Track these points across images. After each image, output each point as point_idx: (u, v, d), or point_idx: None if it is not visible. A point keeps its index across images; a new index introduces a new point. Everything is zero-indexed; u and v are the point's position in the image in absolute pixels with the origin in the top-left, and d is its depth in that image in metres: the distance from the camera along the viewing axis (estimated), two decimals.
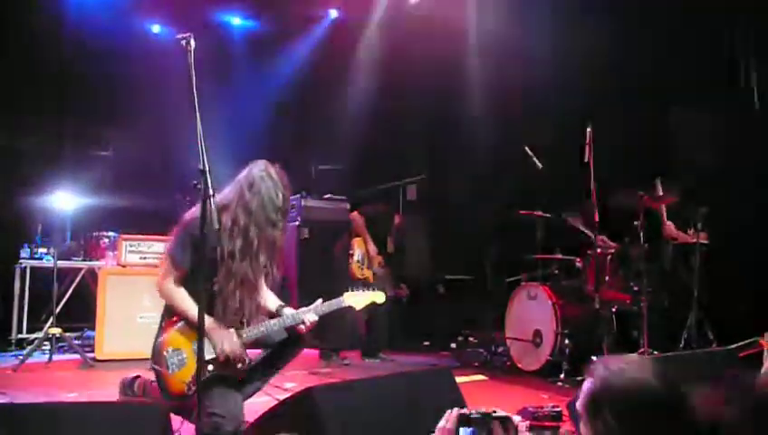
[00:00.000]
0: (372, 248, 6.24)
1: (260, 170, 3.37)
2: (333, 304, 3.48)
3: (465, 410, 1.58)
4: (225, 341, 3.20)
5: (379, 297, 3.60)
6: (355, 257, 6.16)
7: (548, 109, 6.59)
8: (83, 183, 6.04)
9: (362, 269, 6.17)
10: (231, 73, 7.03)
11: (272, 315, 3.44)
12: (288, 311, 3.44)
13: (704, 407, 1.54)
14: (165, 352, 3.19)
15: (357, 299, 3.55)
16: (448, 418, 1.58)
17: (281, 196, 3.36)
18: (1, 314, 5.67)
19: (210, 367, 3.21)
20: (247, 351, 3.30)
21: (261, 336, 3.33)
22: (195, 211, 3.17)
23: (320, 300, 3.46)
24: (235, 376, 3.28)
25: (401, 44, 7.37)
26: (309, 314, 3.37)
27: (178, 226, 3.31)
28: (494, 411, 1.59)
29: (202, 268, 2.94)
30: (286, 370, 3.56)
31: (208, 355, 3.20)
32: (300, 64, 7.60)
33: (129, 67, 6.54)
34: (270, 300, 3.52)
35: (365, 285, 6.11)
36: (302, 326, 3.36)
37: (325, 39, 7.71)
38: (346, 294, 3.52)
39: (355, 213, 6.36)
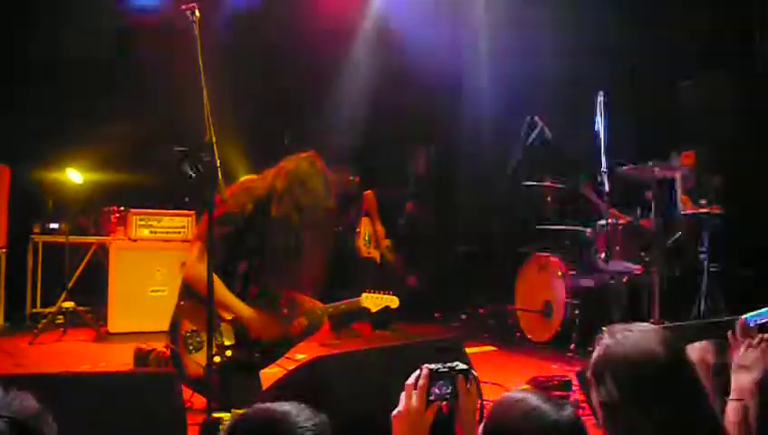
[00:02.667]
0: (380, 229, 6.21)
1: (311, 166, 3.33)
2: (350, 305, 3.53)
3: (433, 366, 1.62)
4: (265, 330, 3.23)
5: (393, 302, 3.67)
6: (362, 236, 6.16)
7: (558, 77, 6.50)
8: (93, 158, 6.04)
9: (369, 248, 6.16)
10: (230, 44, 6.93)
11: None
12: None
13: None
14: (183, 333, 3.20)
15: (373, 302, 3.60)
16: (418, 375, 1.61)
17: (330, 197, 3.35)
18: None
19: (229, 352, 3.24)
20: None
21: None
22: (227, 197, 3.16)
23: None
24: (249, 362, 3.31)
25: (405, 13, 7.26)
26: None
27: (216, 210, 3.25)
28: (457, 365, 1.63)
29: (209, 241, 2.92)
30: None
31: (227, 341, 3.24)
32: (300, 34, 7.46)
33: (136, 40, 6.48)
34: None
35: (373, 265, 6.13)
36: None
37: (326, 8, 7.56)
38: (364, 296, 3.60)
39: (369, 192, 6.34)
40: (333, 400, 2.32)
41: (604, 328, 1.62)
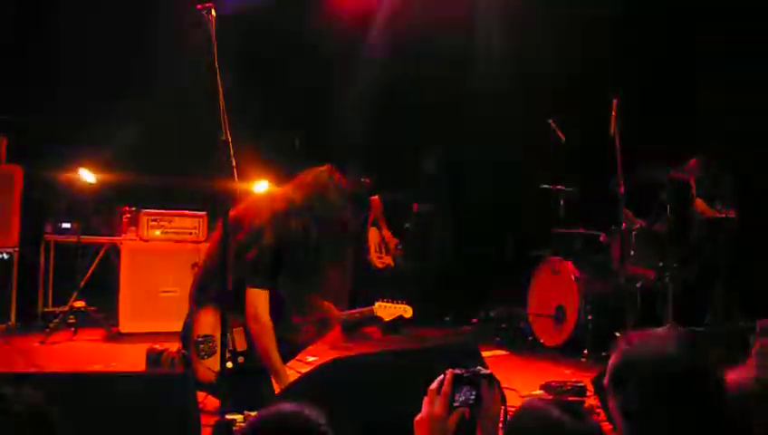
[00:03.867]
0: (387, 233, 6.16)
1: (329, 178, 3.35)
2: (364, 314, 3.52)
3: (457, 371, 1.59)
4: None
5: (407, 312, 3.66)
6: (373, 248, 6.10)
7: (572, 80, 6.46)
8: (105, 158, 6.05)
9: (382, 256, 6.12)
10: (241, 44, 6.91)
11: None
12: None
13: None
14: (195, 339, 3.19)
15: (386, 311, 3.59)
16: (441, 380, 1.58)
17: (347, 210, 3.37)
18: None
19: (241, 358, 3.23)
20: None
21: None
22: (256, 218, 3.16)
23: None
24: (261, 367, 3.31)
25: (418, 13, 7.24)
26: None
27: (253, 247, 3.22)
28: (480, 370, 1.59)
29: (222, 248, 2.90)
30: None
31: (240, 347, 3.24)
32: (312, 33, 7.43)
33: (150, 36, 6.46)
34: None
35: (389, 272, 6.08)
36: None
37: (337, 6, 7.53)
38: (377, 304, 3.59)
39: (376, 197, 6.26)
40: (351, 403, 2.30)
41: (618, 333, 1.59)
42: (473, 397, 1.56)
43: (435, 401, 1.56)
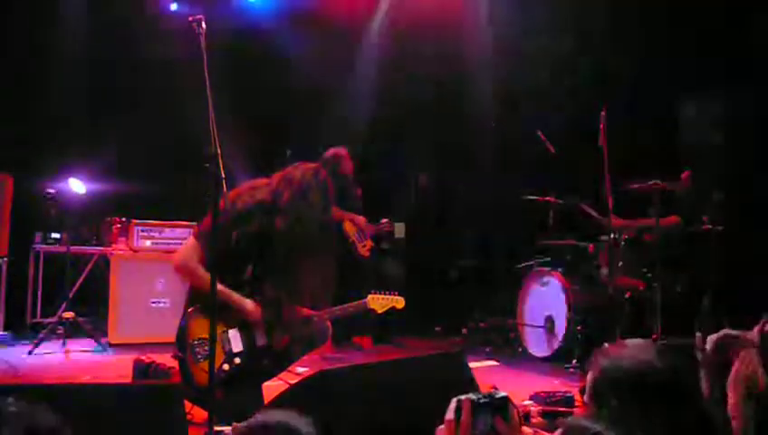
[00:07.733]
0: (358, 218, 6.08)
1: (314, 177, 3.33)
2: (357, 308, 3.51)
3: (473, 396, 1.48)
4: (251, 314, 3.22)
5: (399, 303, 3.65)
6: (357, 241, 6.04)
7: (562, 92, 6.52)
8: (96, 168, 6.04)
9: (365, 245, 6.06)
10: (240, 54, 6.93)
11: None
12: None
13: None
14: (191, 341, 3.16)
15: (379, 303, 3.58)
16: (456, 408, 1.48)
17: (328, 211, 3.36)
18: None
19: (237, 360, 3.21)
20: None
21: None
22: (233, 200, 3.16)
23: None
24: (257, 370, 3.30)
25: (409, 29, 7.29)
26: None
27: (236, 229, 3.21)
28: (496, 394, 1.48)
29: (213, 254, 2.90)
30: None
31: (236, 348, 3.23)
32: (305, 48, 7.46)
33: (143, 48, 6.45)
34: None
35: (374, 258, 6.06)
36: None
37: (332, 23, 7.57)
38: (369, 297, 3.57)
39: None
40: (340, 414, 2.31)
41: (607, 343, 1.61)
42: (490, 425, 1.40)
43: (454, 432, 1.46)
